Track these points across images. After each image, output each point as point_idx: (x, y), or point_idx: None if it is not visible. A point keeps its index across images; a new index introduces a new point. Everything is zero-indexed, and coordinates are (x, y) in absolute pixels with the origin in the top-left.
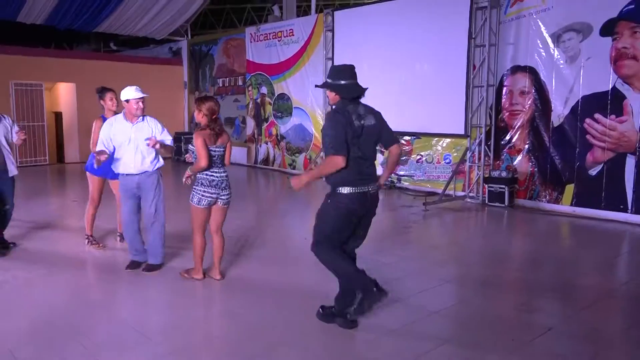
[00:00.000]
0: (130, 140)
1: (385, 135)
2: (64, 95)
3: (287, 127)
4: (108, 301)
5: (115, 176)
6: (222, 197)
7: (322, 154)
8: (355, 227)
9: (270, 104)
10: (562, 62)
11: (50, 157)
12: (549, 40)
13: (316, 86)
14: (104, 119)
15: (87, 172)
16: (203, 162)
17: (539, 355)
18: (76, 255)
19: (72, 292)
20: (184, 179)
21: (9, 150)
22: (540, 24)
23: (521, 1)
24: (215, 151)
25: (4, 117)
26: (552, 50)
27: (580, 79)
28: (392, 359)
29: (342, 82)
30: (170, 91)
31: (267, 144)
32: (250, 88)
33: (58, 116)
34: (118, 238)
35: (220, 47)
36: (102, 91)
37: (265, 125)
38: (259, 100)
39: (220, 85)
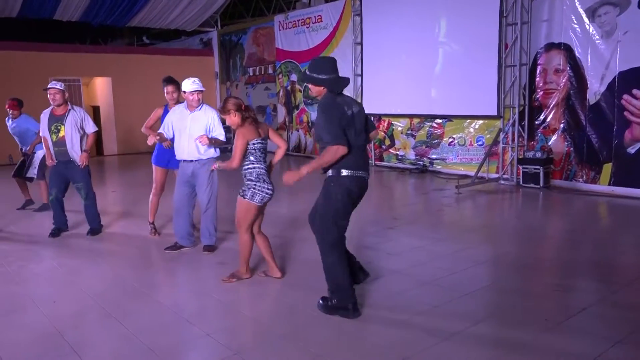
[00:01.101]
0: (186, 127)
1: (368, 122)
2: (100, 90)
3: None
4: (149, 286)
5: (178, 166)
6: (271, 194)
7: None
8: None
9: (300, 91)
10: (597, 37)
11: None
12: (584, 15)
13: (306, 81)
14: (165, 108)
15: (153, 163)
16: (235, 164)
17: (572, 335)
18: (119, 241)
19: (116, 277)
20: (213, 167)
21: (77, 141)
22: None
23: None
24: (261, 144)
25: (74, 109)
26: (587, 26)
27: (617, 55)
28: (424, 339)
29: (328, 76)
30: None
31: (298, 131)
32: (280, 76)
33: (96, 110)
34: (150, 229)
35: (249, 36)
36: (164, 82)
37: (296, 112)
38: (289, 88)
39: (251, 74)
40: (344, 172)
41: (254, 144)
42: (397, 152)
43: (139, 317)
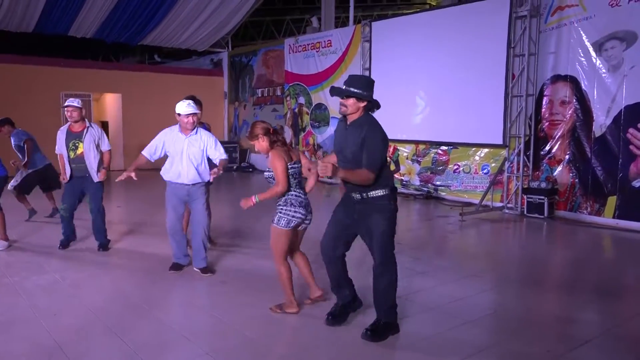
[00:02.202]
0: (183, 152)
1: None
2: (110, 105)
3: (324, 137)
4: (150, 302)
5: None
6: (307, 221)
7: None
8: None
9: (307, 113)
10: (604, 71)
11: None
12: (591, 49)
13: (347, 94)
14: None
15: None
16: (281, 187)
17: None
18: (122, 256)
19: (117, 292)
20: (243, 206)
21: (95, 157)
22: (581, 32)
23: (562, 10)
24: (294, 168)
25: (92, 126)
26: (593, 59)
27: (624, 89)
28: None
29: (370, 93)
30: (211, 101)
31: (304, 152)
32: (288, 98)
33: (104, 125)
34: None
35: (259, 58)
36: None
37: (302, 134)
38: (296, 110)
39: (259, 95)
40: (389, 190)
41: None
42: (402, 178)
43: (139, 333)
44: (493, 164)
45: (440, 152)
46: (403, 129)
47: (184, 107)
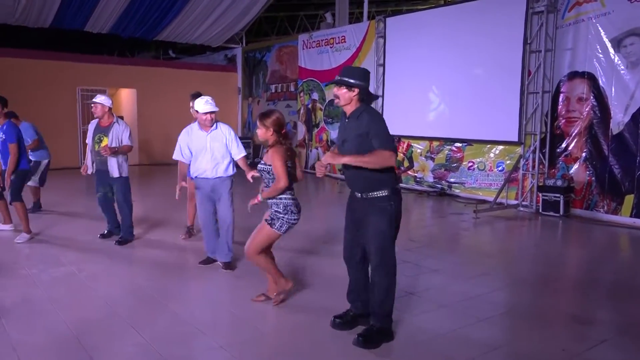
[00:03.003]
0: (206, 148)
1: None
2: (125, 101)
3: (337, 133)
4: (165, 295)
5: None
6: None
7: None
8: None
9: (321, 109)
10: (622, 67)
11: None
12: (609, 45)
13: (339, 84)
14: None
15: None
16: (283, 183)
17: None
18: (139, 249)
19: (133, 285)
20: (250, 205)
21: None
22: (599, 28)
23: (580, 5)
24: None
25: (118, 122)
26: (612, 56)
27: None
28: None
29: (362, 82)
30: (224, 97)
31: (317, 149)
32: (302, 94)
33: None
34: (183, 235)
35: (273, 54)
36: (194, 96)
37: (316, 130)
38: (310, 106)
39: (273, 91)
40: (389, 191)
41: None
42: (416, 174)
43: (154, 325)
44: (508, 161)
45: (454, 148)
46: (417, 125)
47: (202, 105)
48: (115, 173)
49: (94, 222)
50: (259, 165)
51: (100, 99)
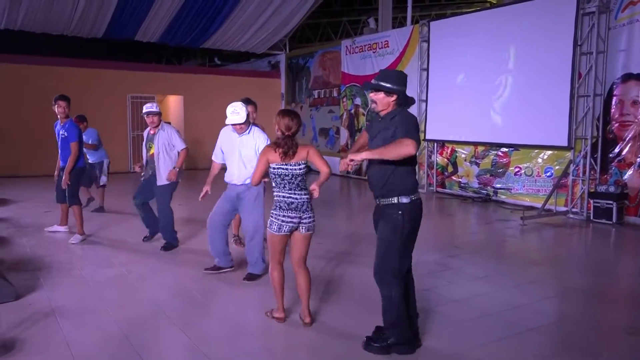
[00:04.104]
0: (235, 151)
1: None
2: (172, 107)
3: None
4: (210, 297)
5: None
6: (305, 222)
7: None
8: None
9: (363, 114)
10: None
11: None
12: None
13: (376, 89)
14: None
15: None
16: (255, 178)
17: None
18: (184, 252)
19: (179, 287)
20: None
21: (167, 159)
22: None
23: (634, 5)
24: (286, 169)
25: (163, 128)
26: None
27: None
28: None
29: (401, 87)
30: (268, 103)
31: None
32: (344, 99)
33: None
34: (233, 240)
35: (316, 60)
36: (242, 102)
37: (358, 135)
38: (352, 111)
39: (316, 96)
40: (408, 199)
41: (274, 167)
42: (460, 180)
43: (200, 326)
44: (557, 167)
45: (500, 153)
46: (461, 130)
47: (229, 115)
48: (162, 181)
49: (143, 225)
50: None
51: (155, 108)
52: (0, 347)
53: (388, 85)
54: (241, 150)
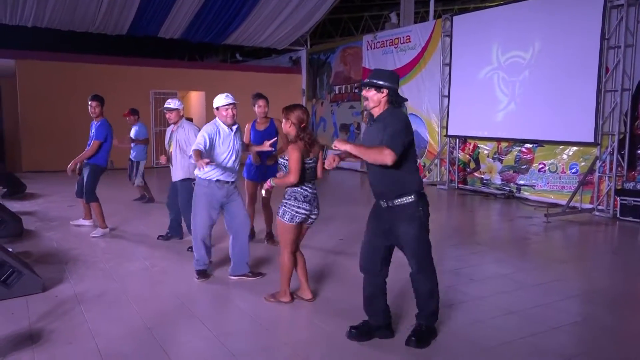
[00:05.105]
0: (231, 148)
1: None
2: (194, 103)
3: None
4: (231, 292)
5: (252, 177)
6: (312, 216)
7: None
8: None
9: None
10: None
11: None
12: None
13: (368, 86)
14: (253, 124)
15: (245, 177)
16: (293, 178)
17: None
18: None
19: (201, 281)
20: (263, 190)
21: (180, 157)
22: None
23: None
24: (308, 164)
25: (182, 126)
26: None
27: None
28: None
29: (392, 84)
30: (289, 98)
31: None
32: None
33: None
34: (265, 239)
35: (337, 55)
36: (254, 97)
37: None
38: None
39: (337, 92)
40: (416, 196)
41: None
42: (482, 176)
43: (221, 320)
44: (582, 163)
45: (524, 150)
46: (484, 125)
47: (223, 99)
48: (174, 177)
49: (166, 219)
50: (279, 160)
51: (174, 103)
52: (28, 337)
53: (380, 82)
54: (236, 145)
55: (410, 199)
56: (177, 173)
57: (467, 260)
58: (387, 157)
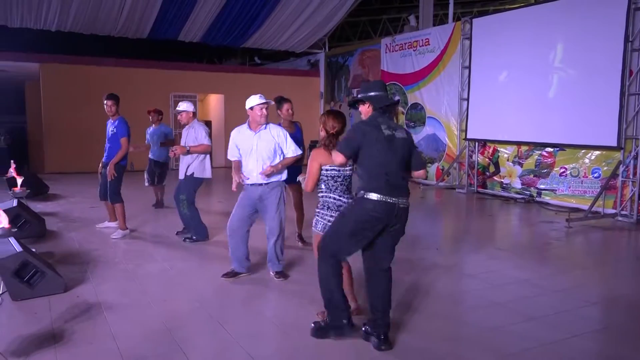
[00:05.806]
0: (252, 149)
1: (414, 155)
2: (213, 105)
3: (419, 137)
4: (250, 294)
5: (290, 180)
6: None
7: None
8: (377, 239)
9: (403, 113)
10: None
11: None
12: None
13: (349, 104)
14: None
15: None
16: (309, 186)
17: None
18: (225, 249)
19: (220, 283)
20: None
21: (187, 156)
22: None
23: None
24: (338, 171)
25: (192, 126)
26: None
27: None
28: None
29: (375, 93)
30: (307, 101)
31: None
32: None
33: (207, 124)
34: (300, 243)
35: (356, 58)
36: (279, 101)
37: None
38: None
39: (355, 95)
40: (371, 196)
41: (326, 170)
42: (502, 180)
43: (240, 323)
44: (605, 168)
45: (545, 153)
46: (504, 129)
47: (257, 99)
48: (181, 175)
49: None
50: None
51: (183, 105)
52: (50, 337)
53: (359, 96)
54: (260, 146)
55: (357, 193)
56: (182, 171)
57: (486, 265)
58: (335, 157)
